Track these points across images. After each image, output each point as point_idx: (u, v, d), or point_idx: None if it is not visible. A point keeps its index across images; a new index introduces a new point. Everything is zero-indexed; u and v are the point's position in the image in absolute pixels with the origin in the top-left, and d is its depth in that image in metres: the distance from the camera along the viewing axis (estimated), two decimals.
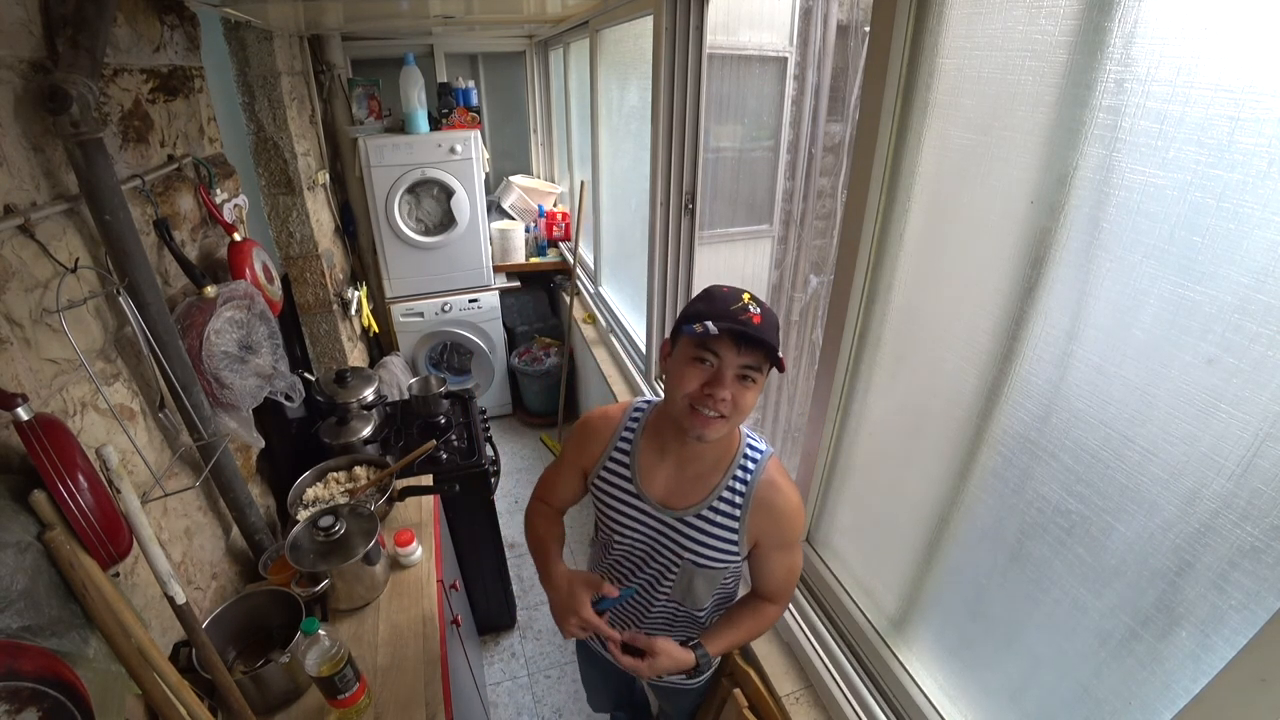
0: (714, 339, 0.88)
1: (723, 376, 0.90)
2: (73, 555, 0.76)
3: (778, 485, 1.02)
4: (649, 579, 1.13)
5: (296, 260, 2.40)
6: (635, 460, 1.08)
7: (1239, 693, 0.55)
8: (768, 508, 1.01)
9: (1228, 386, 0.58)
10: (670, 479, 1.05)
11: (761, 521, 1.02)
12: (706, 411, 0.91)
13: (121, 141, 1.14)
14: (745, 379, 0.91)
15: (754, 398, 0.92)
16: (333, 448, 1.76)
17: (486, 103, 3.72)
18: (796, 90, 3.18)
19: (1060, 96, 0.69)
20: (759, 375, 0.91)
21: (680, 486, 1.05)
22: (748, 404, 0.92)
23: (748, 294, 0.93)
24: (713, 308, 0.90)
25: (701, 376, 0.91)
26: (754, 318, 0.88)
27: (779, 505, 1.02)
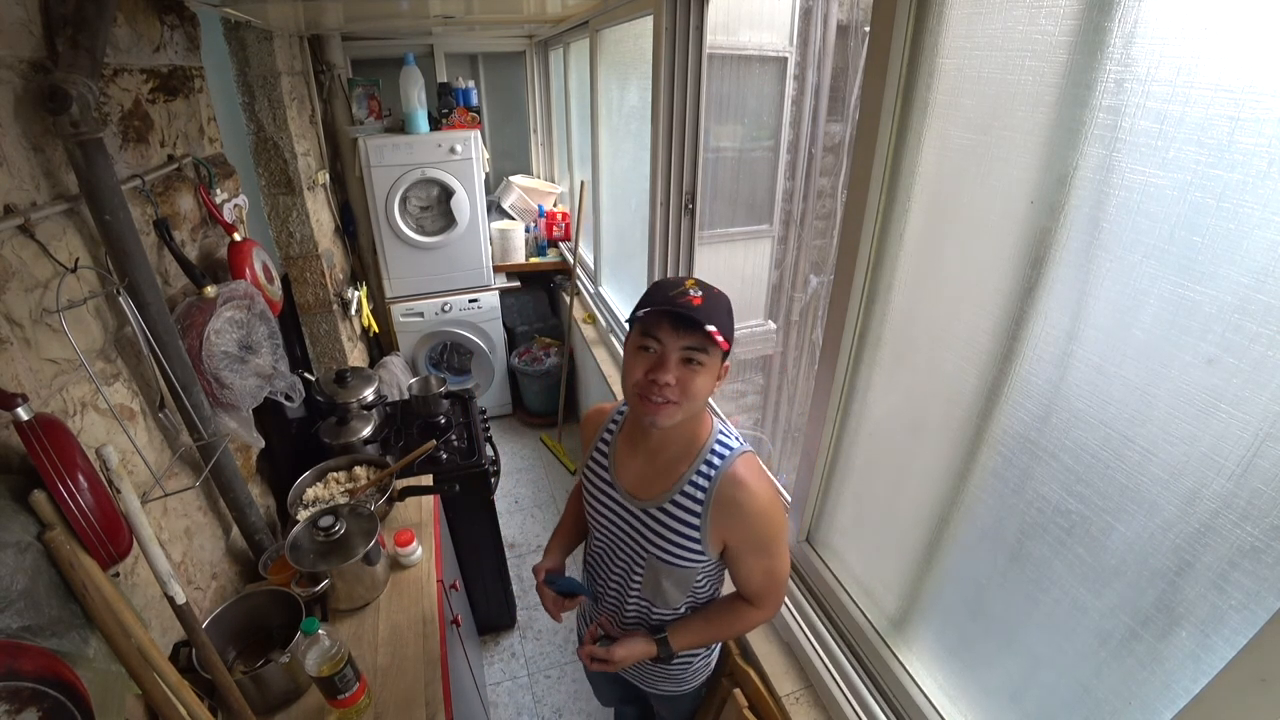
0: (654, 324, 0.89)
1: (665, 360, 0.90)
2: (73, 555, 0.76)
3: (742, 482, 0.98)
4: (620, 573, 1.13)
5: (296, 260, 2.40)
6: (613, 451, 1.10)
7: (1239, 693, 0.55)
8: (731, 505, 0.98)
9: (1228, 386, 0.58)
10: (641, 470, 1.06)
11: (726, 520, 0.99)
12: (654, 398, 0.91)
13: (121, 141, 1.14)
14: (690, 362, 0.90)
15: (704, 381, 0.92)
16: (333, 448, 1.76)
17: (486, 103, 3.72)
18: (796, 90, 3.18)
19: (1060, 96, 0.69)
20: (704, 357, 0.90)
21: (649, 477, 1.04)
22: (697, 388, 0.91)
23: (692, 280, 0.92)
24: (654, 296, 0.91)
25: (646, 363, 0.92)
26: (693, 300, 0.88)
27: (743, 503, 0.97)
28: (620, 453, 1.09)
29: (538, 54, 3.65)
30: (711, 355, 0.91)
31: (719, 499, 0.99)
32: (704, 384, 0.92)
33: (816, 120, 4.06)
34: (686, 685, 1.27)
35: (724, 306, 0.92)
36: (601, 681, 1.53)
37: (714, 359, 0.92)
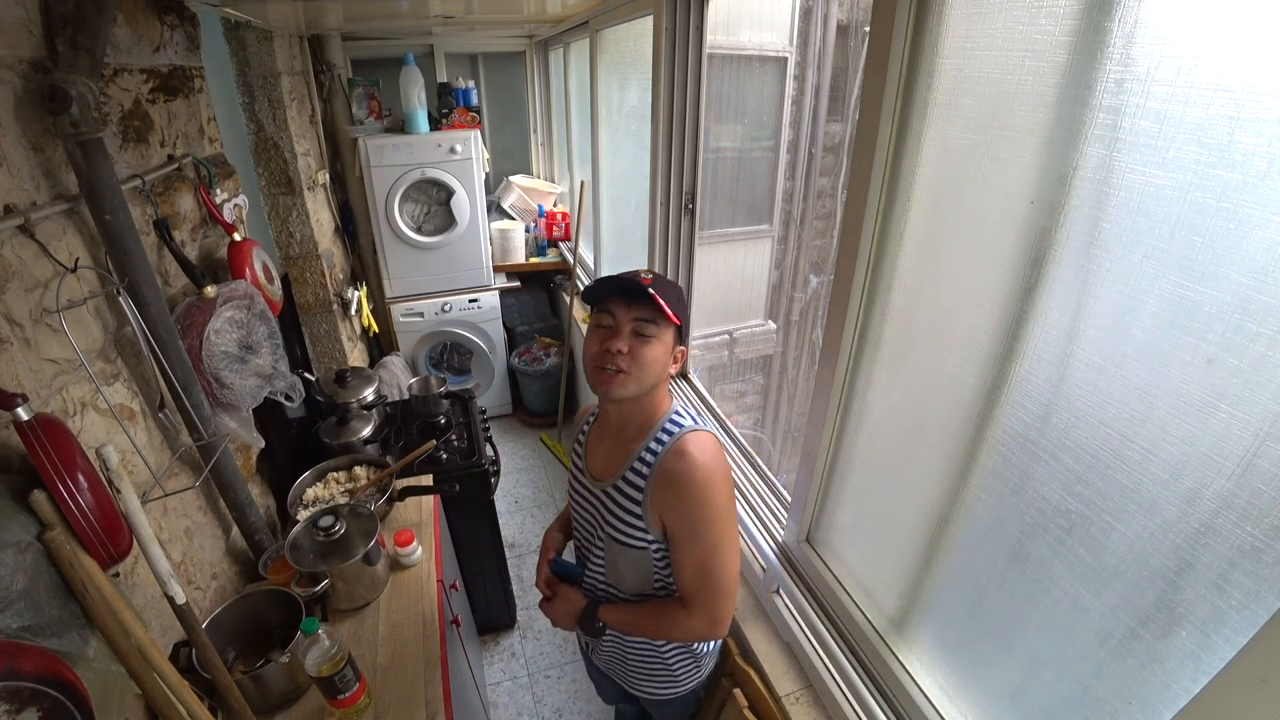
0: (607, 300, 0.97)
1: (618, 330, 0.96)
2: (73, 555, 0.76)
3: (685, 454, 0.95)
4: (587, 554, 1.17)
5: (296, 260, 2.40)
6: (587, 439, 1.16)
7: (1239, 693, 0.55)
8: (669, 478, 0.96)
9: (1228, 386, 0.58)
10: (605, 452, 1.09)
11: (662, 495, 0.97)
12: (608, 368, 0.96)
13: (121, 141, 1.14)
14: (641, 335, 0.96)
15: (655, 352, 0.97)
16: (333, 448, 1.76)
17: (486, 103, 3.72)
18: (796, 90, 3.19)
19: (1060, 96, 0.69)
20: (653, 329, 0.96)
21: (610, 458, 1.08)
22: (648, 358, 0.96)
23: (645, 270, 1.01)
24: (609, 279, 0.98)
25: (602, 337, 0.98)
26: (644, 280, 0.96)
27: (680, 474, 0.94)
28: (592, 439, 1.15)
29: (538, 54, 3.65)
30: (662, 328, 0.97)
31: (660, 471, 0.98)
32: (654, 354, 0.97)
33: (816, 120, 4.06)
34: (670, 689, 1.25)
35: (674, 292, 0.99)
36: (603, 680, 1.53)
37: (664, 332, 0.98)
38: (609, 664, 1.29)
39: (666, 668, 1.21)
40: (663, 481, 0.98)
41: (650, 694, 1.27)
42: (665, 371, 1.00)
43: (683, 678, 1.24)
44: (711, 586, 0.99)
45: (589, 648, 1.34)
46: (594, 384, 0.99)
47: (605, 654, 1.27)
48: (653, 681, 1.24)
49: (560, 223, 3.58)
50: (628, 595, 1.12)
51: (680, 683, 1.25)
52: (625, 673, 1.26)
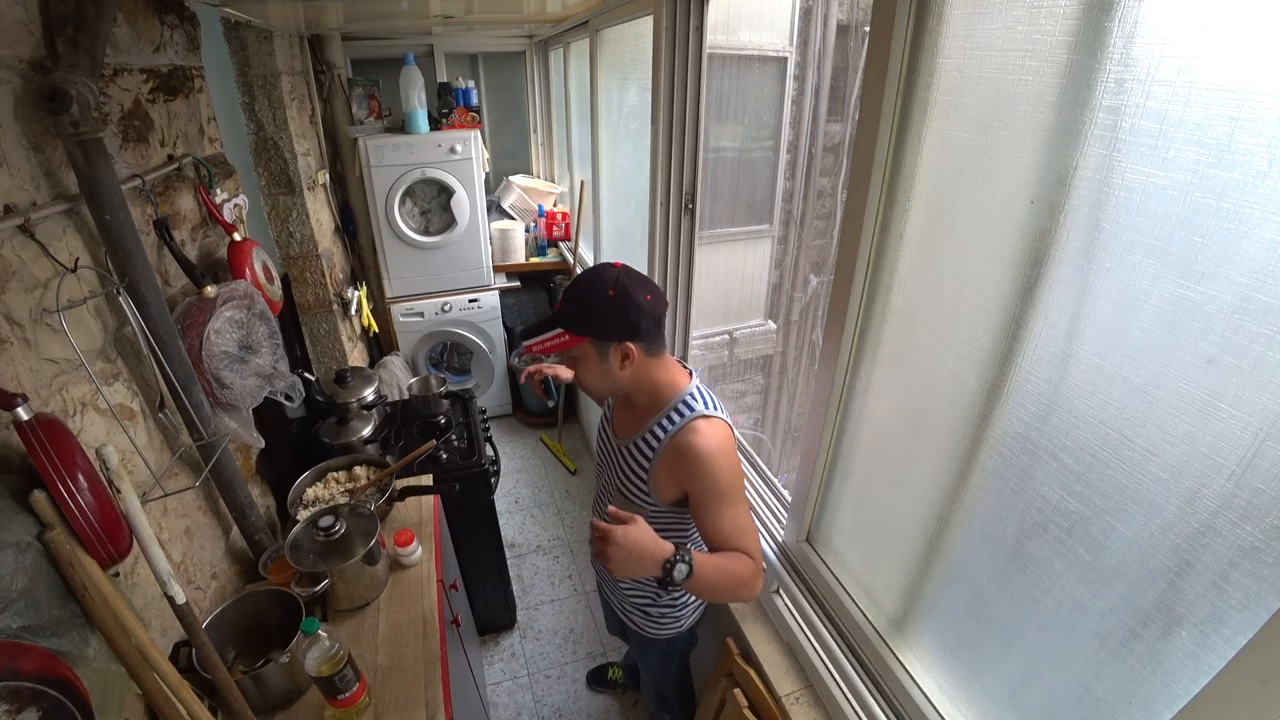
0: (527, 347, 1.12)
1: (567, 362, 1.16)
2: (73, 555, 0.76)
3: (697, 431, 1.09)
4: (605, 500, 1.31)
5: (296, 260, 2.40)
6: (615, 399, 1.32)
7: (1239, 693, 0.55)
8: (679, 450, 1.09)
9: (1228, 386, 0.58)
10: (625, 415, 1.25)
11: (675, 463, 1.10)
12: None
13: (121, 141, 1.14)
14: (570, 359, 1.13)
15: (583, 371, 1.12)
16: (333, 448, 1.76)
17: (486, 103, 3.72)
18: (796, 90, 3.19)
19: (1060, 96, 0.69)
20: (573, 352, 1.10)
21: (628, 420, 1.23)
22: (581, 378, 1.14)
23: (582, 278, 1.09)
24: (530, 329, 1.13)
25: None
26: (556, 307, 1.10)
27: (690, 448, 1.08)
28: (619, 400, 1.31)
29: (538, 54, 3.65)
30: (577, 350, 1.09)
31: (672, 447, 1.11)
32: (583, 373, 1.13)
33: (816, 120, 4.06)
34: (653, 630, 1.40)
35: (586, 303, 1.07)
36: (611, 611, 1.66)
37: (583, 351, 1.09)
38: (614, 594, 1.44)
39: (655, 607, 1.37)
40: (674, 455, 1.10)
41: (638, 624, 1.41)
42: (613, 376, 1.11)
43: (664, 624, 1.39)
44: (750, 538, 1.08)
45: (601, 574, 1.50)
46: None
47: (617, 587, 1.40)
48: (641, 614, 1.39)
49: (560, 223, 3.58)
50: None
51: (661, 627, 1.39)
52: (628, 610, 1.41)
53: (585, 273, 1.09)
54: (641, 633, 1.43)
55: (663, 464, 1.12)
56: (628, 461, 1.19)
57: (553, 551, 2.80)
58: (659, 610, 1.37)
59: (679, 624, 1.40)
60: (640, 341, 1.08)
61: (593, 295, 1.06)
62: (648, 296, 1.07)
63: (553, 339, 1.07)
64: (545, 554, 2.78)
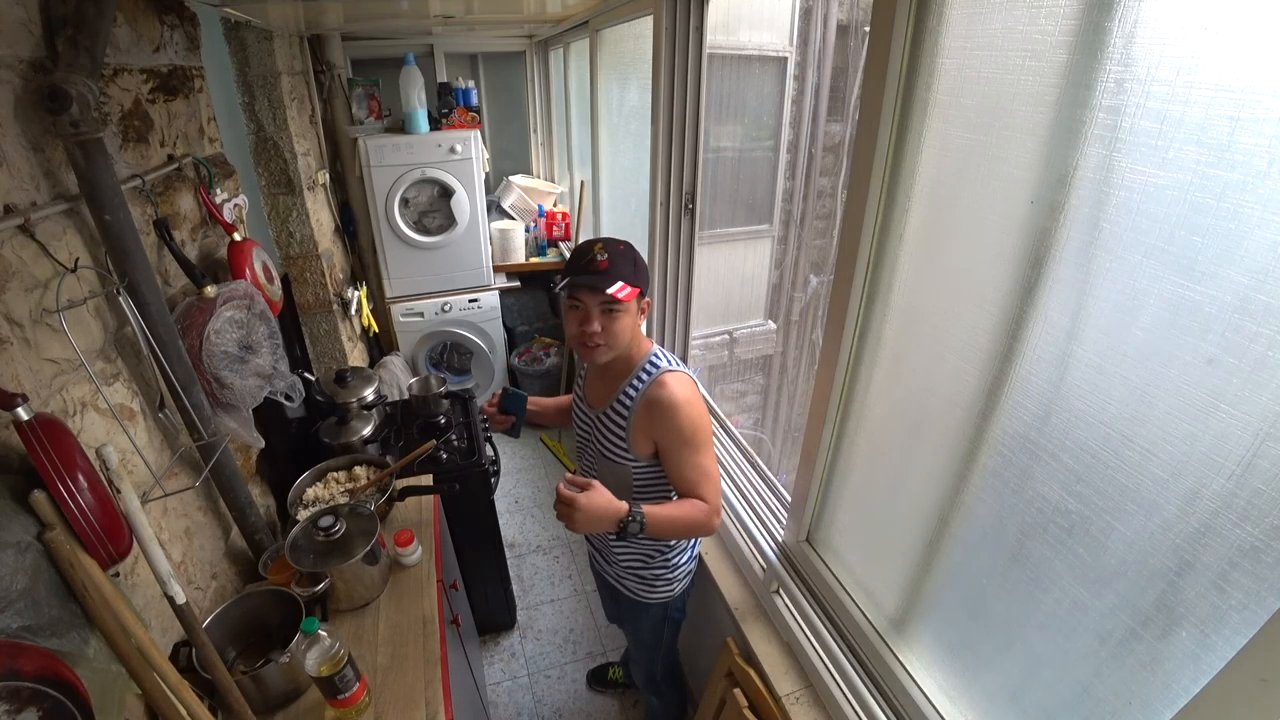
0: (575, 290, 1.15)
1: (589, 315, 1.15)
2: (73, 555, 0.76)
3: (664, 384, 1.18)
4: (587, 470, 1.40)
5: (296, 260, 2.40)
6: (586, 375, 1.39)
7: (1239, 693, 0.55)
8: (651, 404, 1.19)
9: (1228, 386, 0.58)
10: (597, 385, 1.33)
11: (647, 418, 1.20)
12: (588, 343, 1.17)
13: (121, 141, 1.14)
14: (608, 311, 1.15)
15: (623, 322, 1.16)
16: (333, 448, 1.76)
17: (486, 103, 3.72)
18: (796, 90, 3.19)
19: (1060, 96, 0.69)
20: (618, 305, 1.14)
21: (601, 390, 1.31)
22: (619, 328, 1.16)
23: (599, 244, 1.16)
24: (571, 264, 1.17)
25: (577, 319, 1.18)
26: (601, 264, 1.12)
27: (660, 399, 1.17)
28: (590, 374, 1.38)
29: (538, 54, 3.65)
30: (625, 300, 1.13)
31: (644, 402, 1.20)
32: (623, 325, 1.17)
33: (816, 120, 4.06)
34: (646, 594, 1.44)
35: (629, 257, 1.16)
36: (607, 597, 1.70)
37: (629, 305, 1.15)
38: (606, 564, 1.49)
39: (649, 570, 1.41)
40: (647, 409, 1.20)
41: (631, 590, 1.46)
42: (636, 329, 1.21)
43: (658, 587, 1.43)
44: (711, 482, 1.21)
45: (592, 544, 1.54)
46: (581, 356, 1.23)
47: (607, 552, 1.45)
48: (635, 577, 1.43)
49: (560, 223, 3.57)
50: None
51: (655, 590, 1.43)
52: (620, 574, 1.45)
53: (613, 240, 1.18)
54: (636, 598, 1.46)
55: (637, 421, 1.22)
56: (606, 426, 1.27)
57: (553, 551, 2.80)
58: (653, 573, 1.41)
59: (672, 587, 1.43)
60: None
61: (633, 251, 1.17)
62: None
63: (624, 289, 1.11)
64: (545, 554, 2.78)
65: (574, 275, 1.14)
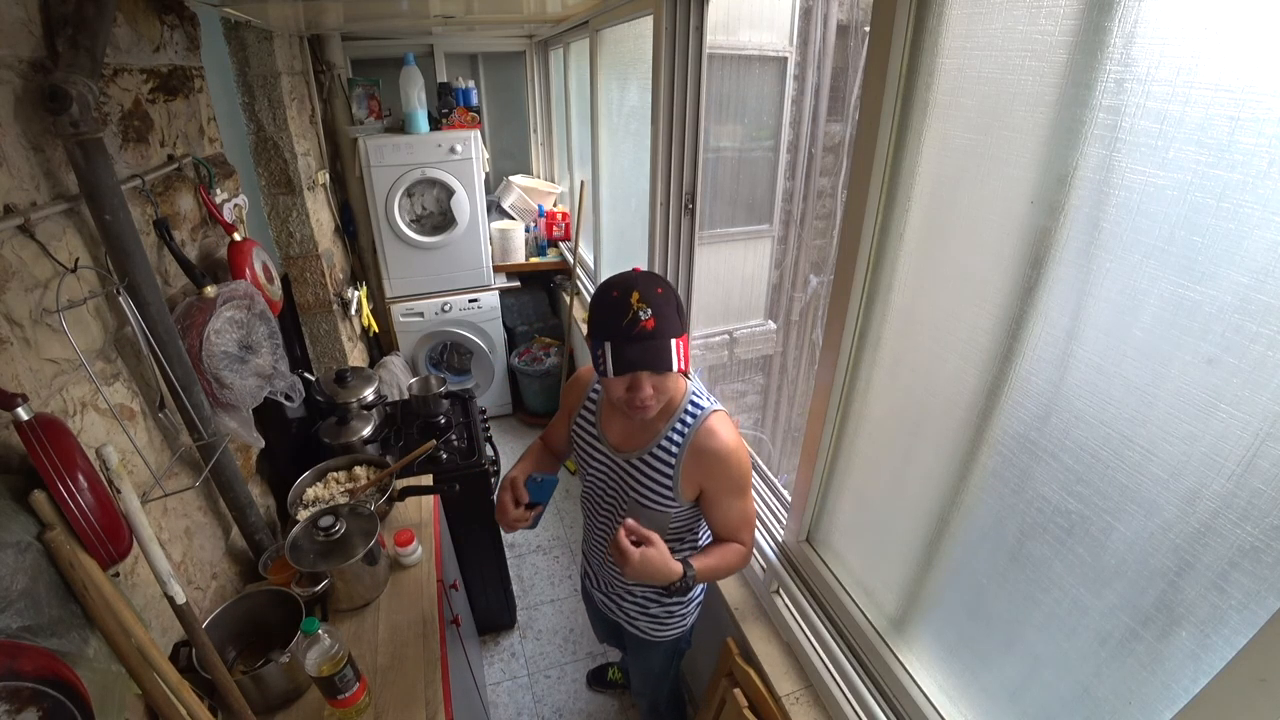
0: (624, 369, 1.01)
1: (639, 382, 1.03)
2: (73, 555, 0.76)
3: (713, 432, 1.12)
4: (607, 514, 1.28)
5: (296, 260, 2.40)
6: (600, 409, 1.25)
7: (1239, 693, 0.55)
8: (701, 452, 1.12)
9: (1228, 386, 0.58)
10: (623, 428, 1.21)
11: (698, 465, 1.13)
12: (638, 405, 1.05)
13: (121, 141, 1.14)
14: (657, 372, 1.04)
15: (673, 381, 1.07)
16: (333, 448, 1.76)
17: (486, 103, 3.72)
18: (796, 90, 3.19)
19: (1060, 96, 0.69)
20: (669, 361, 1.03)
21: (631, 433, 1.19)
22: (669, 385, 1.06)
23: (636, 295, 0.99)
24: (609, 329, 1.00)
25: (624, 384, 1.04)
26: (647, 325, 0.98)
27: (713, 448, 1.11)
28: (605, 411, 1.24)
29: (538, 54, 3.64)
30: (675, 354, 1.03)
31: (693, 449, 1.12)
32: (673, 383, 1.07)
33: (816, 120, 4.06)
34: (658, 632, 1.38)
35: (672, 303, 1.03)
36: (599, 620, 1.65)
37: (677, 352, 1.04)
38: (611, 602, 1.41)
39: (662, 607, 1.35)
40: (697, 458, 1.13)
41: (642, 629, 1.39)
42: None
43: (674, 622, 1.38)
44: (749, 527, 1.20)
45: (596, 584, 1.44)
46: (628, 413, 1.09)
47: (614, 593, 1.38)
48: (648, 617, 1.37)
49: (560, 223, 3.57)
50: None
51: (672, 626, 1.38)
52: (626, 610, 1.38)
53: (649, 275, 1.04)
54: (645, 637, 1.40)
55: (685, 470, 1.13)
56: (643, 473, 1.16)
57: (553, 551, 2.80)
58: (665, 610, 1.36)
59: (684, 621, 1.39)
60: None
61: (671, 293, 1.04)
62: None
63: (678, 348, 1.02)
64: (545, 554, 2.78)
65: (617, 343, 0.98)
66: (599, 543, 1.33)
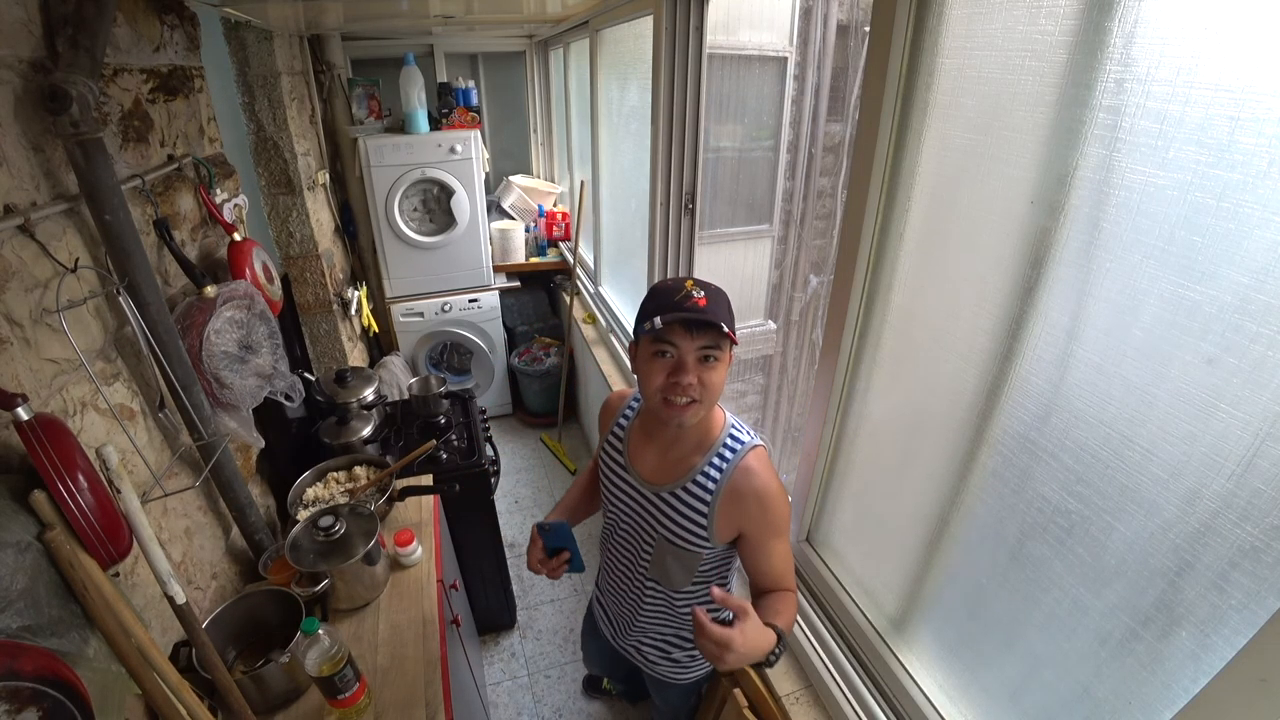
0: (668, 330, 0.93)
1: (684, 363, 0.94)
2: (73, 555, 0.76)
3: (753, 471, 1.02)
4: (631, 549, 1.19)
5: (296, 260, 2.40)
6: (628, 437, 1.16)
7: (1239, 693, 0.55)
8: (741, 494, 1.02)
9: (1228, 386, 0.58)
10: (656, 459, 1.11)
11: (737, 506, 1.03)
12: (678, 399, 0.96)
13: (121, 141, 1.14)
14: (706, 359, 0.95)
15: (721, 375, 0.97)
16: (333, 448, 1.76)
17: (486, 103, 3.72)
18: (796, 90, 3.18)
19: (1060, 96, 0.69)
20: (719, 353, 0.95)
21: (663, 466, 1.09)
22: (715, 381, 0.96)
23: (690, 281, 0.96)
24: (660, 302, 0.95)
25: (665, 368, 0.96)
26: (699, 301, 0.92)
27: (754, 489, 1.02)
28: (635, 440, 1.14)
29: (538, 54, 3.64)
30: (724, 350, 0.95)
31: (731, 489, 1.02)
32: (720, 378, 0.97)
33: (816, 120, 4.05)
34: (680, 675, 1.31)
35: (725, 302, 0.96)
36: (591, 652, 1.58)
37: (725, 353, 0.96)
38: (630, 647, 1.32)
39: (684, 652, 1.27)
40: (735, 497, 1.03)
41: (665, 675, 1.32)
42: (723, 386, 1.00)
43: (692, 668, 1.30)
44: (791, 572, 1.09)
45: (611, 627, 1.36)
46: (663, 415, 0.99)
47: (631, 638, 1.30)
48: (672, 664, 1.29)
49: (560, 223, 3.57)
50: (669, 590, 1.16)
51: (695, 670, 1.30)
52: (645, 654, 1.31)
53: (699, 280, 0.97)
54: (663, 680, 1.32)
55: (722, 510, 1.04)
56: (676, 509, 1.07)
57: None
58: (688, 655, 1.27)
59: (706, 665, 1.30)
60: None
61: (725, 296, 0.97)
62: None
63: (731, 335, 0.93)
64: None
65: (666, 311, 0.92)
66: (617, 582, 1.26)
